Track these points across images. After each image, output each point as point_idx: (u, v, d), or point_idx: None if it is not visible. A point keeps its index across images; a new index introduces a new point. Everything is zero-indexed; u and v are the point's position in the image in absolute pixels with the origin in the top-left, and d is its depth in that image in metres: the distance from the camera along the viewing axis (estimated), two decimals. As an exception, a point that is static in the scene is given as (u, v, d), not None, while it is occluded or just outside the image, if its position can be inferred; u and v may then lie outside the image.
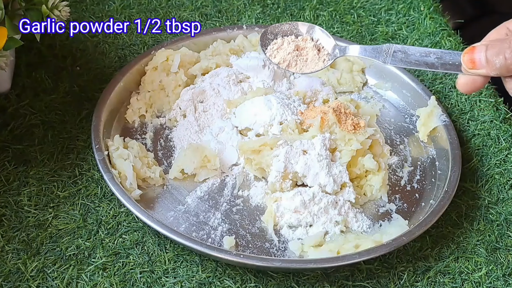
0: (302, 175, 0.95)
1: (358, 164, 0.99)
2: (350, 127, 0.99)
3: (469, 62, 0.76)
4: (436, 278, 0.90)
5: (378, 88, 1.15)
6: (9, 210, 0.90)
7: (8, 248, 0.87)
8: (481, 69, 0.75)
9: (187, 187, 0.97)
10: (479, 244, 0.95)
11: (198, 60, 1.12)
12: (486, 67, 0.75)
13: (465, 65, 0.77)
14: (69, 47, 1.12)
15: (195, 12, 1.25)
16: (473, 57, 0.75)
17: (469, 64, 0.76)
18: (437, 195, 0.97)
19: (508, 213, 0.99)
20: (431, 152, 1.06)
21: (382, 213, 0.97)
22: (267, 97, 1.03)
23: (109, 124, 1.01)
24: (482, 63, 0.75)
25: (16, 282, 0.84)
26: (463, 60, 0.77)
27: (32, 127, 1.00)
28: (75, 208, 0.92)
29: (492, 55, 0.74)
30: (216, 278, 0.87)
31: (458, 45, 1.24)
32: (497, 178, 1.03)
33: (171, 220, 0.93)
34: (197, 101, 1.06)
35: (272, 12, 1.27)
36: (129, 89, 1.07)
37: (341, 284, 0.88)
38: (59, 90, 1.06)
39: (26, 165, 0.95)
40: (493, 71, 0.74)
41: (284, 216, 0.93)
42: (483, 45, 0.76)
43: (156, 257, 0.89)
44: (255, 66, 1.10)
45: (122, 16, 1.21)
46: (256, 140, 0.98)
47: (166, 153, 1.02)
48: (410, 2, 1.31)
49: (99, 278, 0.85)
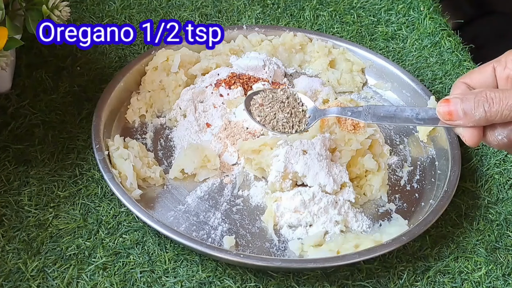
0: (302, 175, 0.95)
1: (358, 164, 0.99)
2: (350, 127, 1.00)
3: (446, 114, 0.79)
4: (436, 277, 0.90)
5: (378, 88, 1.15)
6: (10, 210, 0.90)
7: (9, 248, 0.87)
8: (458, 120, 0.78)
9: (187, 187, 0.97)
10: (479, 243, 0.95)
11: (198, 60, 1.12)
12: (464, 118, 0.77)
13: (442, 118, 0.79)
14: (69, 47, 1.12)
15: (195, 12, 1.25)
16: (450, 110, 0.78)
17: (446, 116, 0.79)
18: (436, 195, 0.98)
19: (507, 213, 0.99)
20: (431, 152, 1.06)
21: (382, 213, 0.97)
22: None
23: (109, 124, 1.01)
24: (460, 115, 0.78)
25: (16, 281, 0.84)
26: (438, 112, 0.79)
27: (32, 127, 1.00)
28: (75, 208, 0.92)
29: (470, 108, 0.77)
30: (216, 277, 0.87)
31: (458, 45, 1.24)
32: (497, 178, 1.03)
33: (171, 220, 0.93)
34: (197, 101, 1.06)
35: (272, 12, 1.27)
36: (129, 89, 1.07)
37: (341, 284, 0.89)
38: (59, 90, 1.06)
39: (27, 165, 0.96)
40: (470, 123, 0.77)
41: (284, 216, 0.93)
42: (457, 98, 0.78)
43: (156, 256, 0.89)
44: (255, 66, 1.10)
45: (122, 16, 1.21)
46: (256, 140, 0.99)
47: (166, 153, 1.02)
48: (410, 2, 1.31)
49: (99, 278, 0.85)
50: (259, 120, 0.93)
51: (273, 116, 0.92)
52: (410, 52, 1.23)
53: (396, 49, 1.23)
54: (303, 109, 0.93)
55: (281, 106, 0.92)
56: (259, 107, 0.93)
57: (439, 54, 1.22)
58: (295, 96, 0.94)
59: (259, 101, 0.93)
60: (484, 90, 0.77)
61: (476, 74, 0.82)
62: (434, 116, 0.81)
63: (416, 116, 0.83)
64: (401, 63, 1.20)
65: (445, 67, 1.20)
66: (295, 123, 0.92)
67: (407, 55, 1.22)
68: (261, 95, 0.94)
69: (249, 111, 0.93)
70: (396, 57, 1.22)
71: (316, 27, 1.25)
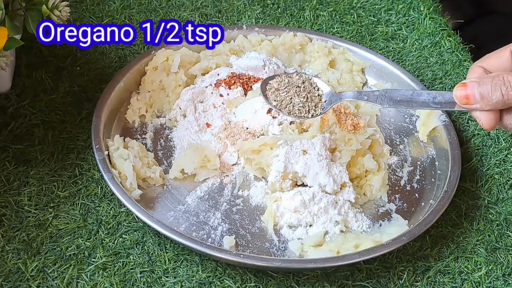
0: (302, 175, 0.95)
1: (358, 164, 0.99)
2: (350, 127, 1.00)
3: (463, 98, 0.79)
4: (436, 278, 0.90)
5: (378, 88, 1.15)
6: (10, 210, 0.90)
7: (9, 248, 0.87)
8: (475, 104, 0.79)
9: (187, 187, 0.97)
10: (479, 244, 0.95)
11: (198, 60, 1.12)
12: (481, 102, 0.78)
13: (459, 101, 0.80)
14: (69, 47, 1.12)
15: (195, 12, 1.25)
16: (467, 93, 0.79)
17: (463, 100, 0.79)
18: (436, 195, 0.98)
19: (507, 213, 0.99)
20: (431, 152, 1.06)
21: (382, 213, 0.97)
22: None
23: (109, 124, 1.01)
24: (477, 98, 0.78)
25: (16, 281, 0.84)
26: (455, 96, 0.80)
27: (32, 127, 1.00)
28: (75, 208, 0.92)
29: (487, 91, 0.77)
30: (216, 278, 0.87)
31: (458, 45, 1.24)
32: (497, 178, 1.03)
33: (171, 220, 0.93)
34: (197, 101, 1.06)
35: (272, 12, 1.27)
36: (129, 89, 1.07)
37: (341, 284, 0.89)
38: (59, 90, 1.06)
39: (26, 165, 0.95)
40: (487, 106, 0.78)
41: (284, 216, 0.93)
42: (474, 81, 0.79)
43: (156, 257, 0.89)
44: (255, 66, 1.10)
45: (122, 16, 1.21)
46: (256, 140, 0.99)
47: (166, 153, 1.02)
48: (410, 2, 1.31)
49: (99, 278, 0.85)
50: (275, 105, 0.93)
51: (289, 100, 0.93)
52: (410, 52, 1.23)
53: (396, 49, 1.23)
54: (319, 93, 0.94)
55: (297, 91, 0.93)
56: (275, 91, 0.94)
57: (439, 54, 1.22)
58: (311, 81, 0.95)
59: (275, 85, 0.94)
60: (501, 74, 0.77)
61: (492, 58, 0.82)
62: (451, 100, 0.81)
63: (433, 100, 0.83)
64: (401, 63, 1.20)
65: (445, 67, 1.20)
66: (311, 108, 0.93)
67: (407, 55, 1.22)
68: (276, 80, 0.95)
69: (265, 96, 0.93)
70: (396, 57, 1.22)
71: (316, 27, 1.25)
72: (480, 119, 0.80)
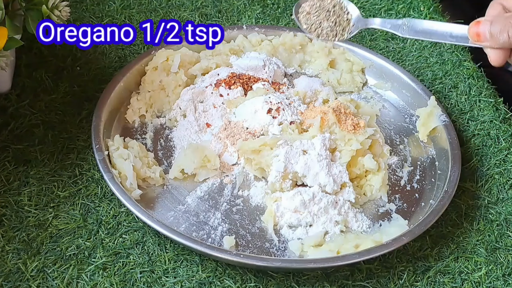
0: (302, 175, 0.95)
1: (358, 164, 0.99)
2: (350, 127, 1.00)
3: (475, 35, 0.84)
4: (436, 278, 0.90)
5: (378, 88, 1.15)
6: (10, 210, 0.90)
7: (9, 248, 0.87)
8: (486, 42, 0.83)
9: (187, 187, 0.97)
10: (479, 244, 0.95)
11: (198, 60, 1.12)
12: (490, 40, 0.82)
13: (471, 38, 0.84)
14: (69, 47, 1.12)
15: (195, 12, 1.25)
16: (479, 31, 0.83)
17: (475, 37, 0.84)
18: (437, 195, 0.98)
19: (507, 213, 0.99)
20: (431, 152, 1.06)
21: (382, 213, 0.97)
22: (267, 97, 1.03)
23: (109, 124, 1.01)
24: (487, 37, 0.82)
25: (16, 282, 0.84)
26: (469, 32, 0.84)
27: (32, 127, 1.00)
28: (75, 208, 0.92)
29: (496, 31, 0.81)
30: (216, 278, 0.87)
31: (458, 45, 1.24)
32: (497, 178, 1.03)
33: (171, 220, 0.93)
34: (197, 101, 1.06)
35: (272, 12, 1.27)
36: (129, 89, 1.07)
37: (341, 284, 0.89)
38: (59, 90, 1.06)
39: (26, 165, 0.95)
40: (496, 45, 0.82)
41: (284, 216, 0.93)
42: (487, 20, 0.83)
43: (156, 257, 0.89)
44: (255, 66, 1.10)
45: (122, 16, 1.21)
46: (256, 140, 0.99)
47: (166, 153, 1.02)
48: (410, 2, 1.31)
49: (99, 278, 0.85)
50: (306, 28, 0.98)
51: (319, 24, 0.97)
52: (410, 52, 1.23)
53: (396, 49, 1.23)
54: (348, 17, 0.97)
55: (326, 15, 0.97)
56: (306, 15, 0.97)
57: (439, 54, 1.22)
58: (342, 4, 0.98)
59: (307, 9, 0.98)
60: None
61: None
62: (466, 35, 0.86)
63: (451, 33, 0.88)
64: (401, 63, 1.20)
65: (445, 67, 1.20)
66: (339, 32, 0.97)
67: (407, 55, 1.22)
68: (309, 3, 0.98)
69: (297, 18, 0.98)
70: (396, 57, 1.22)
71: (316, 27, 1.25)
72: (489, 55, 0.83)
